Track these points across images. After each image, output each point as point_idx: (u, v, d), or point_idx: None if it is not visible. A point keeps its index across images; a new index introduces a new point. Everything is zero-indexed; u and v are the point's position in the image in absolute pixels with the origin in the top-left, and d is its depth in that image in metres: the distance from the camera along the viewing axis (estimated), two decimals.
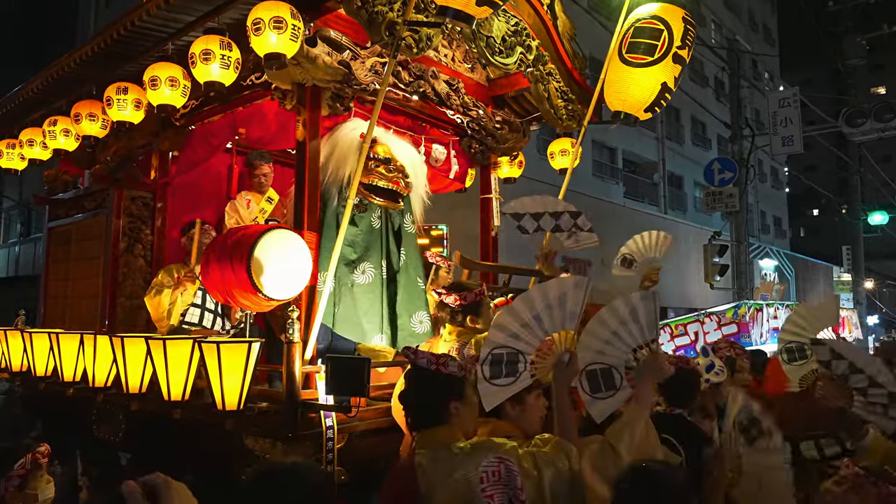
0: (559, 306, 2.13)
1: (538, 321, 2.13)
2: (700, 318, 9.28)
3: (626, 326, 2.21)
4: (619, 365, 2.17)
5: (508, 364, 2.10)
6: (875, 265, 27.43)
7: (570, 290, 2.15)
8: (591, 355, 2.23)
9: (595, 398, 2.18)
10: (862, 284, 18.49)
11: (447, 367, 2.04)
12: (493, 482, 1.80)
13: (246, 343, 2.83)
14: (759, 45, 27.37)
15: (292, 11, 2.84)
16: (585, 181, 16.18)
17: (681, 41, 3.54)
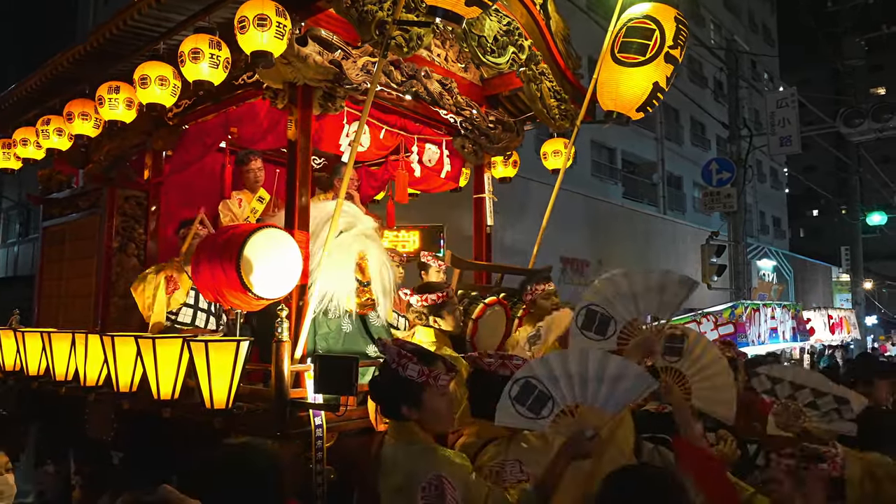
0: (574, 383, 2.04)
1: (556, 384, 2.05)
2: (697, 318, 9.28)
3: (649, 294, 2.28)
4: (620, 321, 2.22)
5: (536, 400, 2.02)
6: (874, 265, 27.42)
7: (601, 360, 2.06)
8: (602, 299, 2.30)
9: (583, 334, 2.25)
10: (860, 285, 18.48)
11: (405, 370, 2.02)
12: (433, 495, 1.84)
13: (234, 342, 2.83)
14: (759, 45, 27.36)
15: (277, 9, 2.83)
16: (584, 181, 16.19)
17: (673, 41, 3.54)
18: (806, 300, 20.45)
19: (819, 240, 31.40)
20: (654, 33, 3.53)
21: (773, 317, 10.16)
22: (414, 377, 2.02)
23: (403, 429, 2.04)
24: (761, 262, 19.16)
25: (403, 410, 2.03)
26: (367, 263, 3.47)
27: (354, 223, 3.50)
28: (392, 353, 2.08)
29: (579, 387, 2.03)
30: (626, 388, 2.00)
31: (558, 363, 2.06)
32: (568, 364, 2.05)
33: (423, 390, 2.03)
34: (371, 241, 3.50)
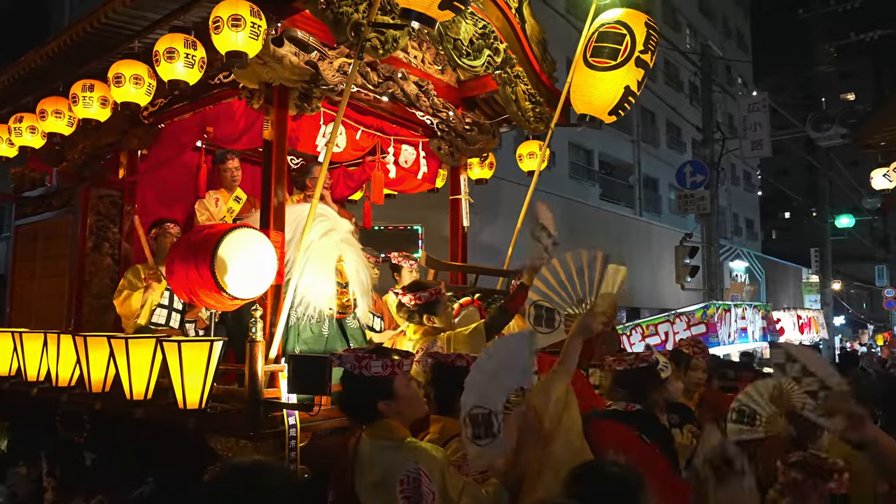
0: (508, 375, 2.11)
1: (496, 381, 2.10)
2: (670, 318, 9.45)
3: (573, 278, 2.34)
4: (561, 308, 2.24)
5: (485, 425, 2.04)
6: (843, 267, 28.04)
7: (519, 353, 2.14)
8: (542, 294, 2.34)
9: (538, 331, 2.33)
10: (829, 286, 18.90)
11: (370, 369, 2.06)
12: (410, 488, 1.87)
13: (207, 342, 2.83)
14: (733, 50, 27.84)
15: (252, 9, 2.83)
16: (562, 183, 16.34)
17: (643, 46, 3.61)
18: (777, 301, 20.86)
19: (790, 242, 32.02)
20: (626, 38, 3.60)
21: (744, 317, 10.38)
22: (380, 372, 2.07)
23: (379, 426, 2.08)
24: (734, 263, 19.51)
25: (381, 406, 2.06)
26: (345, 266, 3.51)
27: (333, 227, 3.52)
28: (350, 359, 2.11)
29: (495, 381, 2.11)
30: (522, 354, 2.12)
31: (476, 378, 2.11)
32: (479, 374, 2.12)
33: (393, 381, 2.08)
34: (348, 245, 3.54)
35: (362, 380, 2.07)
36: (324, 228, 3.42)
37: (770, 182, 28.39)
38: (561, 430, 2.07)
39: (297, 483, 1.95)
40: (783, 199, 28.60)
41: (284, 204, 3.37)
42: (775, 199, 31.31)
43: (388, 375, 2.08)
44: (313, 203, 3.16)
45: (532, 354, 2.19)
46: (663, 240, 17.07)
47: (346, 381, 2.15)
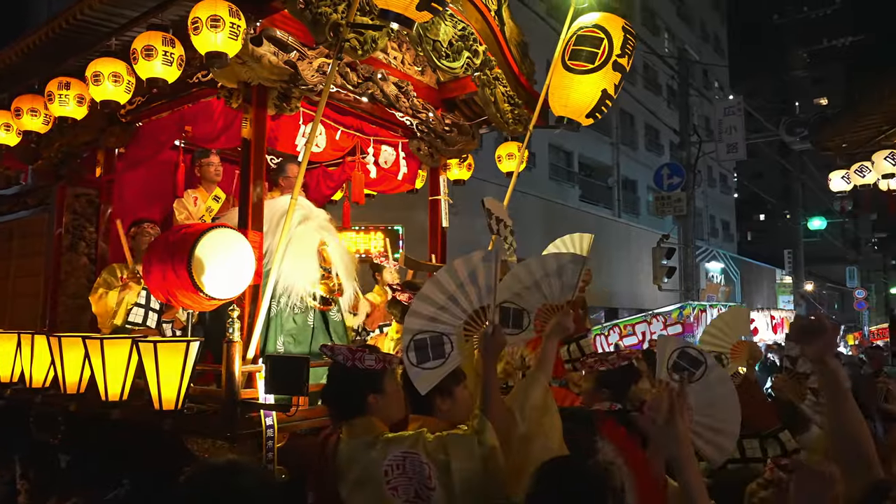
0: (472, 283, 2.18)
1: (454, 301, 2.17)
2: (647, 318, 9.60)
3: (548, 279, 2.32)
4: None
5: (434, 347, 2.12)
6: (816, 268, 28.65)
7: (479, 266, 2.19)
8: (511, 294, 2.30)
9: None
10: (802, 287, 19.29)
11: (363, 362, 2.10)
12: (397, 475, 1.90)
13: (184, 343, 2.82)
14: (710, 54, 28.23)
15: (231, 9, 2.83)
16: (542, 184, 16.45)
17: (620, 50, 3.65)
18: (752, 301, 21.22)
19: (765, 243, 32.56)
20: (603, 42, 3.64)
21: None
22: (373, 365, 2.11)
23: (360, 424, 2.09)
24: (710, 264, 19.81)
25: (370, 399, 2.09)
26: (328, 250, 3.55)
27: (310, 215, 3.60)
28: (343, 351, 2.14)
29: (454, 305, 2.15)
30: (484, 274, 2.15)
31: (425, 305, 2.15)
32: (433, 298, 2.16)
33: (384, 376, 2.13)
34: (328, 232, 3.59)
35: (355, 372, 2.10)
36: (299, 217, 3.45)
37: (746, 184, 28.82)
38: (540, 434, 2.10)
39: (273, 483, 1.95)
40: (759, 201, 29.12)
41: (263, 203, 3.37)
42: (751, 202, 31.82)
43: (380, 370, 2.12)
44: (294, 195, 3.17)
45: (579, 275, 2.28)
46: (641, 241, 17.26)
47: (337, 373, 2.17)
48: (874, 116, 6.32)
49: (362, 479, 1.96)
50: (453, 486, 1.89)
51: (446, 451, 1.94)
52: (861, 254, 31.65)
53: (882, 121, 6.35)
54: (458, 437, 1.99)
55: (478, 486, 1.91)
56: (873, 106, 6.24)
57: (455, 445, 1.96)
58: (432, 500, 1.89)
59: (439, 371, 2.13)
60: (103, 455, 3.42)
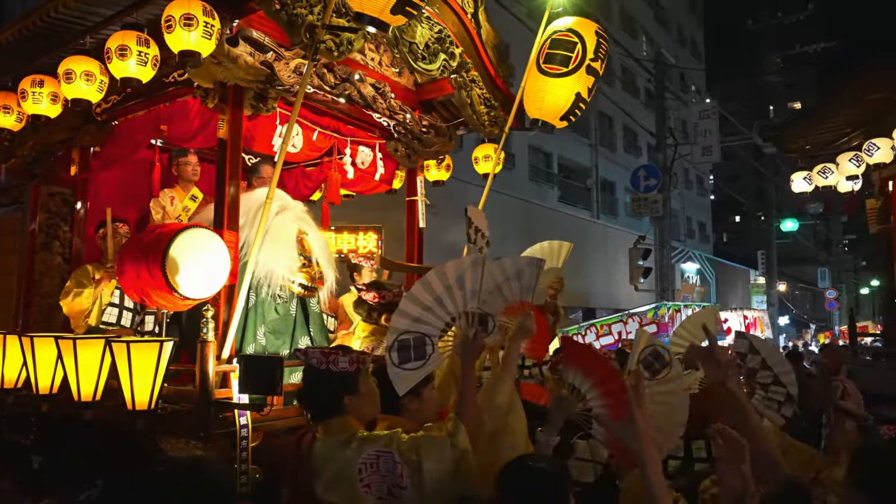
0: (459, 286, 2.21)
1: (440, 303, 2.20)
2: (623, 318, 9.73)
3: (509, 282, 2.38)
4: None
5: (416, 348, 2.16)
6: (788, 269, 29.21)
7: (468, 270, 2.23)
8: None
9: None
10: (775, 287, 19.66)
11: (337, 365, 2.12)
12: (371, 473, 1.94)
13: (157, 343, 2.82)
14: (687, 58, 28.60)
15: (205, 9, 2.83)
16: (522, 185, 16.54)
17: (594, 54, 3.72)
18: (726, 301, 21.56)
19: (741, 244, 33.11)
20: (577, 46, 3.70)
21: None
22: (347, 367, 2.14)
23: (335, 423, 2.12)
24: (685, 264, 20.11)
25: (346, 401, 2.12)
26: (308, 239, 3.57)
27: (287, 206, 3.65)
28: (317, 354, 2.17)
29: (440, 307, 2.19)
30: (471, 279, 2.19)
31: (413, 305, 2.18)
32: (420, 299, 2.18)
33: (358, 376, 2.16)
34: (306, 223, 3.63)
35: (329, 375, 2.12)
36: (277, 207, 3.48)
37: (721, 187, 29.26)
38: (507, 432, 2.16)
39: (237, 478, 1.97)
40: (734, 203, 29.59)
41: (239, 203, 3.38)
42: (727, 203, 32.31)
43: (354, 371, 2.15)
44: (271, 186, 3.19)
45: (537, 276, 2.35)
46: (619, 242, 17.44)
47: (312, 376, 2.19)
48: (838, 119, 6.49)
49: (337, 477, 1.99)
50: (424, 487, 1.93)
51: (419, 451, 1.97)
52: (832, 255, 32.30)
53: (845, 124, 6.54)
54: (432, 439, 2.02)
55: (448, 487, 1.95)
56: (837, 110, 6.41)
57: (428, 447, 1.99)
58: (404, 498, 1.93)
59: (419, 372, 2.16)
60: (76, 456, 3.40)
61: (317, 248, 3.65)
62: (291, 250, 3.52)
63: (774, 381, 2.59)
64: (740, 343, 2.72)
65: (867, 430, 2.24)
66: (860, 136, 6.45)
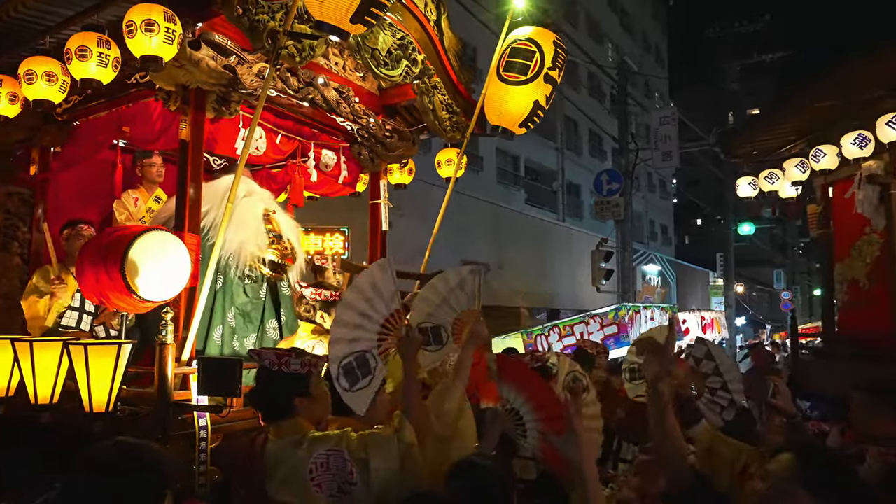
0: (377, 295, 2.27)
1: (366, 317, 2.25)
2: (585, 319, 9.93)
3: (454, 293, 2.55)
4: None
5: (360, 367, 2.20)
6: (746, 271, 30.07)
7: (379, 277, 2.29)
8: (425, 315, 2.52)
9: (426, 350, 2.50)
10: (732, 289, 20.21)
11: (289, 366, 2.18)
12: (321, 472, 1.99)
13: (115, 345, 2.82)
14: (651, 64, 29.19)
15: (166, 14, 2.84)
16: (490, 187, 16.70)
17: (552, 63, 3.84)
18: (686, 303, 22.05)
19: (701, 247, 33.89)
20: (535, 55, 3.81)
21: (653, 318, 10.99)
22: (299, 369, 2.18)
23: (288, 424, 2.17)
24: (647, 266, 20.52)
25: (296, 402, 2.17)
26: (276, 217, 3.62)
27: (254, 191, 3.73)
28: (270, 356, 2.22)
29: (367, 322, 2.25)
30: (386, 284, 2.28)
31: (341, 330, 2.24)
32: (346, 321, 2.25)
33: (309, 378, 2.21)
34: (274, 205, 3.74)
35: (281, 376, 2.18)
36: (243, 191, 3.54)
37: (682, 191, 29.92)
38: (457, 436, 2.24)
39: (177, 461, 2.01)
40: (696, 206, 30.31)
41: (200, 205, 3.39)
42: (689, 207, 33.04)
43: (306, 373, 2.20)
44: (238, 172, 3.22)
45: (480, 284, 2.53)
46: (583, 244, 17.72)
47: (264, 376, 2.24)
48: (785, 126, 6.75)
49: (288, 477, 2.04)
50: (372, 483, 1.99)
51: (367, 449, 2.04)
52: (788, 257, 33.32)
53: (791, 131, 6.80)
54: (378, 437, 2.09)
55: (396, 482, 2.01)
56: (785, 117, 6.67)
57: (375, 444, 2.05)
58: (354, 494, 1.99)
59: (371, 387, 2.21)
60: (34, 458, 3.37)
61: (285, 225, 3.69)
62: (259, 226, 3.56)
63: (722, 387, 2.75)
64: (698, 348, 2.87)
65: (795, 426, 2.38)
66: (804, 143, 6.74)
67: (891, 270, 5.61)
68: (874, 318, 5.83)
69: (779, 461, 1.65)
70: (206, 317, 3.44)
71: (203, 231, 3.42)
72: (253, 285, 3.59)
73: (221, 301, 3.52)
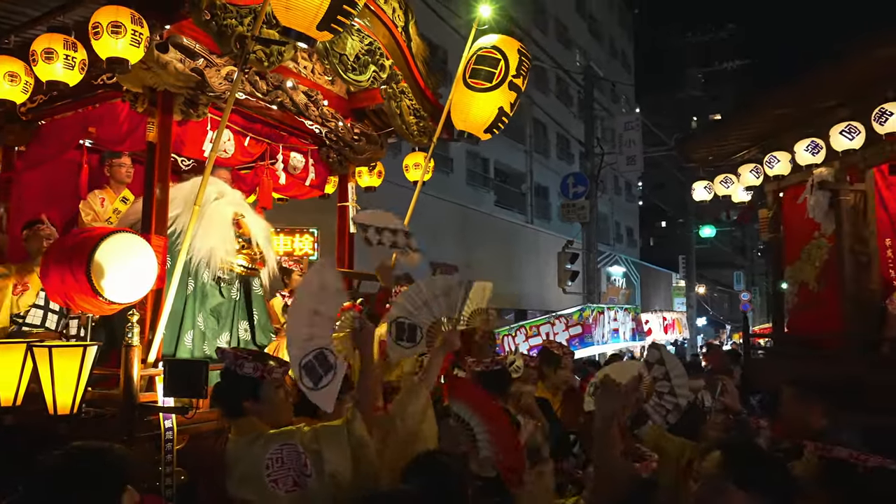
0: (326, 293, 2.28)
1: (318, 314, 2.25)
2: (551, 320, 10.12)
3: (437, 299, 2.66)
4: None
5: (321, 364, 2.22)
6: (708, 273, 30.81)
7: (325, 274, 2.32)
8: (406, 312, 2.65)
9: (398, 344, 2.67)
10: (694, 290, 20.72)
11: (242, 369, 2.21)
12: (277, 468, 2.03)
13: (80, 347, 2.82)
14: (618, 70, 29.68)
15: (133, 17, 2.85)
16: (460, 190, 16.81)
17: (516, 70, 3.94)
18: (650, 303, 22.52)
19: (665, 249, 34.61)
20: (500, 63, 3.91)
21: (616, 319, 11.24)
22: (250, 373, 2.21)
23: (244, 424, 2.21)
24: (612, 268, 20.91)
25: (245, 405, 2.20)
26: (245, 221, 3.64)
27: (224, 192, 3.73)
28: (229, 356, 2.27)
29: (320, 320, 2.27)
30: (331, 284, 2.32)
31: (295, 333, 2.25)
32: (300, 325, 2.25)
33: (260, 384, 2.23)
34: (243, 207, 3.73)
35: (235, 377, 2.22)
36: (213, 193, 3.56)
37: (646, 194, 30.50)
38: (419, 439, 2.31)
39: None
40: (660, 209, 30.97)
41: (167, 207, 3.40)
42: (654, 210, 33.73)
43: (257, 378, 2.22)
44: (205, 173, 3.24)
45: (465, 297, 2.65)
46: (550, 246, 17.94)
47: (224, 374, 2.28)
48: (742, 132, 6.99)
49: (245, 475, 2.06)
50: (325, 475, 2.03)
51: (318, 441, 2.08)
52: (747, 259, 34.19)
53: (745, 137, 7.05)
54: (330, 428, 2.13)
55: (349, 475, 2.05)
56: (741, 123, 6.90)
57: (326, 436, 2.10)
58: (309, 486, 2.02)
59: (335, 382, 2.24)
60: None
61: (255, 230, 3.71)
62: (228, 231, 3.57)
63: (670, 392, 2.89)
64: (653, 353, 3.02)
65: (740, 423, 2.51)
66: (757, 150, 6.99)
67: (839, 274, 5.85)
68: (822, 319, 6.07)
69: (710, 459, 1.74)
70: (177, 321, 3.46)
71: (175, 234, 3.43)
72: (227, 286, 3.61)
73: (192, 305, 3.53)
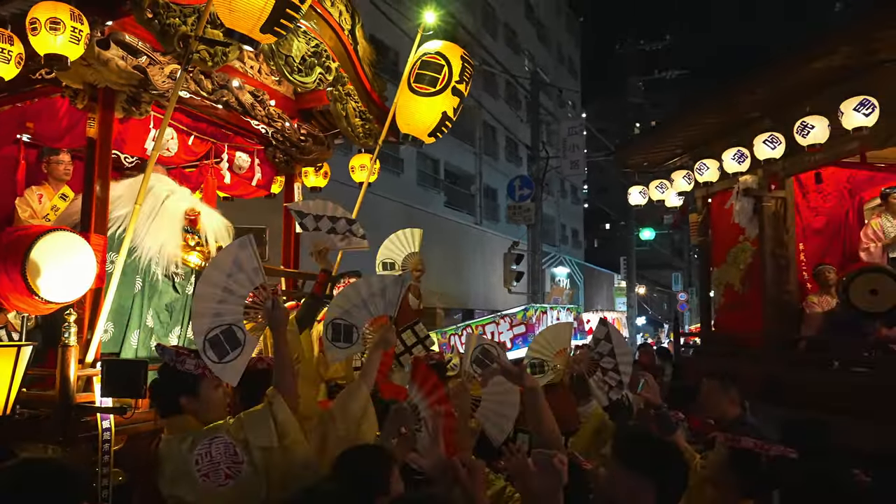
0: (239, 270, 2.29)
1: (229, 292, 2.27)
2: (496, 319, 10.32)
3: (374, 298, 2.70)
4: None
5: (228, 340, 2.22)
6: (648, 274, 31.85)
7: (239, 254, 2.32)
8: (342, 312, 2.70)
9: (335, 346, 2.72)
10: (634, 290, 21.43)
11: (183, 365, 2.23)
12: (206, 463, 2.04)
13: (14, 347, 2.77)
14: (565, 75, 30.30)
15: (73, 13, 2.81)
16: (410, 190, 16.87)
17: (459, 76, 4.04)
18: (593, 303, 23.15)
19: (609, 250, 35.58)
20: (444, 69, 4.01)
21: (559, 318, 11.53)
22: (191, 370, 2.23)
23: (178, 422, 2.22)
24: (557, 269, 21.40)
25: (182, 401, 2.22)
26: (200, 218, 3.64)
27: (175, 190, 3.70)
28: (170, 353, 2.27)
29: (230, 296, 2.29)
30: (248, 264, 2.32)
31: (202, 307, 2.27)
32: (208, 302, 2.26)
33: (200, 381, 2.25)
34: (197, 204, 3.75)
35: (174, 373, 2.23)
36: (165, 192, 3.54)
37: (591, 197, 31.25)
38: (359, 437, 2.36)
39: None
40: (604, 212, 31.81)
41: (108, 205, 3.36)
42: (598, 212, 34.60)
43: (198, 374, 2.24)
44: (149, 167, 3.21)
45: (399, 293, 2.68)
46: (497, 246, 18.22)
47: (161, 370, 2.30)
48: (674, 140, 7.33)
49: (176, 473, 2.07)
50: (255, 461, 2.06)
51: (244, 428, 2.11)
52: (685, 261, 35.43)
53: (676, 145, 7.40)
54: (252, 413, 2.16)
55: (279, 458, 2.09)
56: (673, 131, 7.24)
57: (251, 422, 2.13)
58: (243, 473, 2.04)
59: (242, 358, 2.25)
60: None
61: (210, 226, 3.69)
62: (177, 227, 3.54)
63: (613, 369, 3.02)
64: (600, 329, 3.15)
65: (660, 416, 2.66)
66: (688, 157, 7.34)
67: (762, 276, 6.21)
68: (746, 319, 6.42)
69: (608, 447, 1.89)
70: (124, 320, 3.43)
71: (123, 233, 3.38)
72: (182, 282, 3.58)
73: (140, 303, 3.49)
